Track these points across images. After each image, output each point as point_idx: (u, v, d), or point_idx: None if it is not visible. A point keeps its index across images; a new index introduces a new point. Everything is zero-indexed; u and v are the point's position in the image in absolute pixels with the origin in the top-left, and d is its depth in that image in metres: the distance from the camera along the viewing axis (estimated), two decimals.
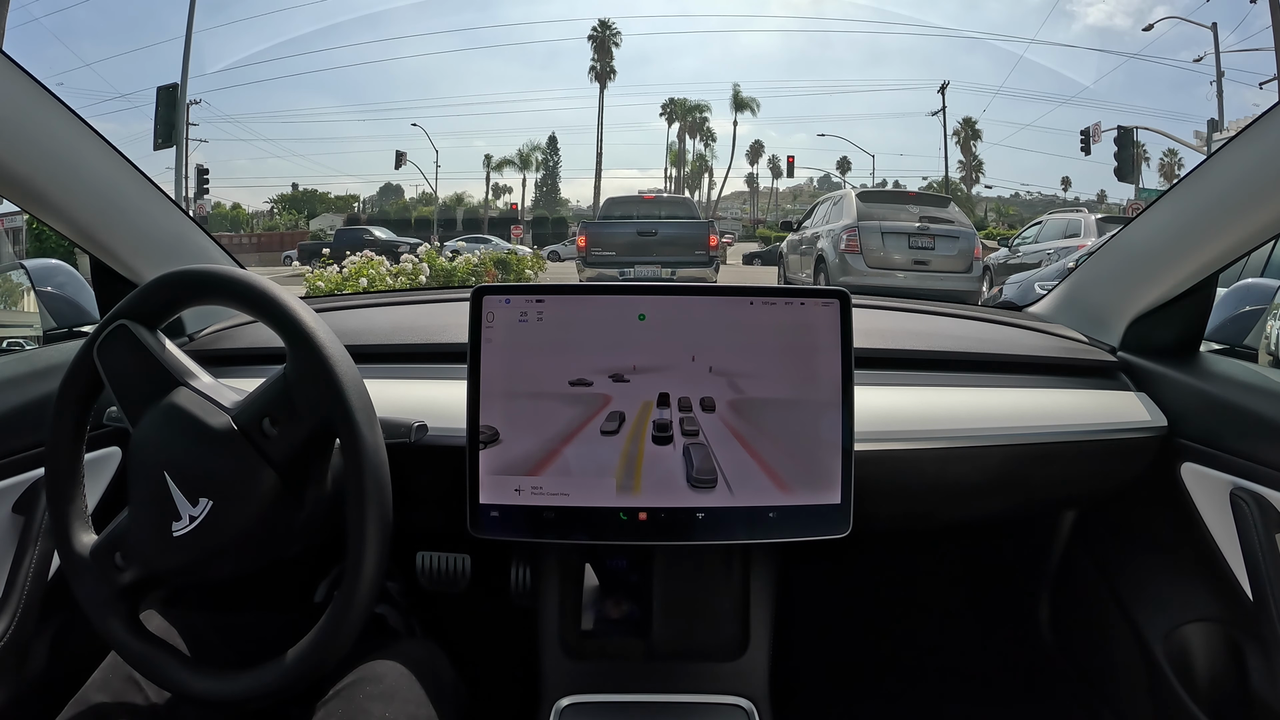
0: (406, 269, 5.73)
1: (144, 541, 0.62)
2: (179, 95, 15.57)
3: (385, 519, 0.61)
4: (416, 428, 0.72)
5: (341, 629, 0.60)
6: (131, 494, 0.63)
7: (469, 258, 7.39)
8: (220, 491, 0.60)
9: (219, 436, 0.62)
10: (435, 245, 7.98)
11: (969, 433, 0.86)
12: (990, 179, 39.54)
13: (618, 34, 34.08)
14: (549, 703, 0.85)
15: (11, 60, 0.71)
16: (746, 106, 35.51)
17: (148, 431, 0.63)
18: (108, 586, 0.63)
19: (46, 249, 6.90)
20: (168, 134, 14.94)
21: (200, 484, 0.61)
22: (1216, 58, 18.44)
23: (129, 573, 0.63)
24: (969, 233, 6.26)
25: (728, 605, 0.92)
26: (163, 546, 0.61)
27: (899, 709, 1.13)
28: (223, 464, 0.61)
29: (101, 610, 0.64)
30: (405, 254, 6.06)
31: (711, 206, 36.99)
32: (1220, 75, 18.39)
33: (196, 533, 0.60)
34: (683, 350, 0.75)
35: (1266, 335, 1.03)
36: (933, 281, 5.95)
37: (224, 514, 0.60)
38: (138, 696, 0.68)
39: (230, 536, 0.61)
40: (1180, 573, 0.94)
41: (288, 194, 34.65)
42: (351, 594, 0.59)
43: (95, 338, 0.65)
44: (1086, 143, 16.65)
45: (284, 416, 0.62)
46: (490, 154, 35.65)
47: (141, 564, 0.63)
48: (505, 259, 8.67)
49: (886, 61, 51.62)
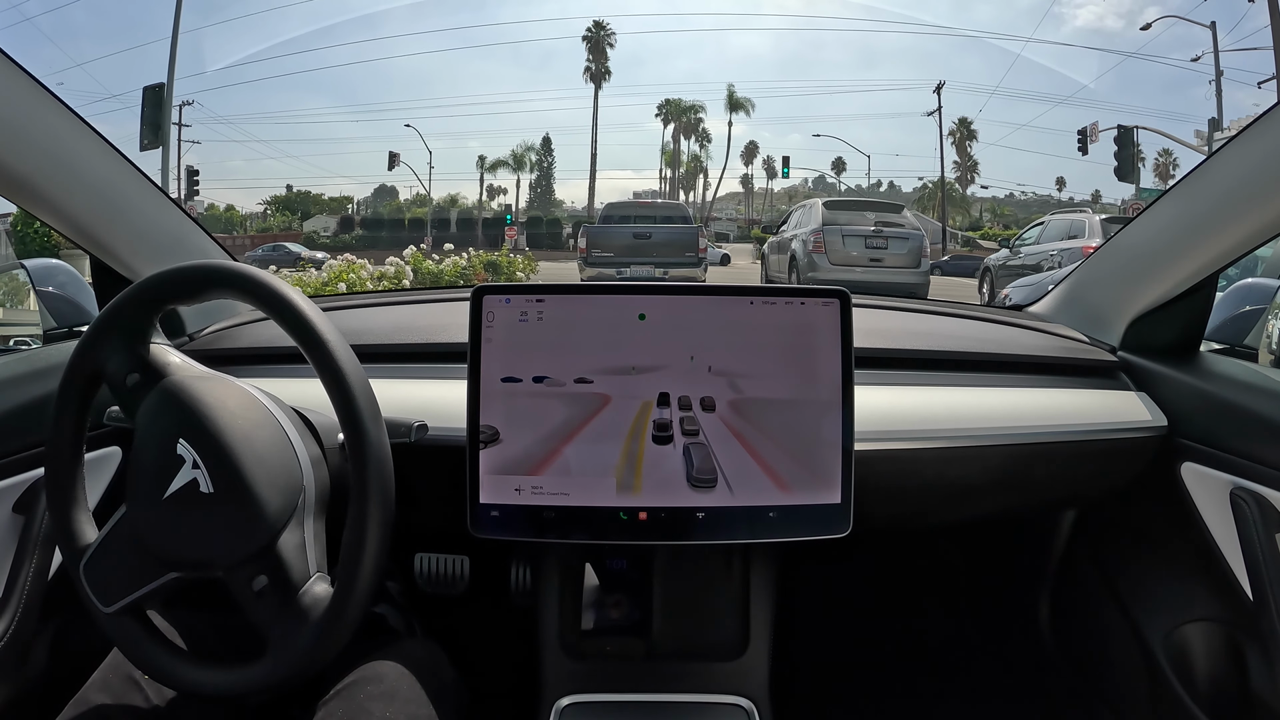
0: (389, 273, 5.63)
1: (142, 521, 0.62)
2: (165, 95, 15.25)
3: (387, 516, 0.61)
4: (417, 427, 0.72)
5: (338, 625, 0.60)
6: (131, 478, 0.63)
7: (457, 260, 7.20)
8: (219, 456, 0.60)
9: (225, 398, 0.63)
10: (425, 248, 7.81)
11: (969, 432, 0.86)
12: (986, 179, 39.55)
13: (612, 34, 33.96)
14: (549, 703, 0.85)
15: (11, 60, 0.71)
16: (741, 107, 35.43)
17: (151, 409, 0.63)
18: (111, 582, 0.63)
19: (30, 250, 6.89)
20: (154, 135, 14.55)
21: (217, 463, 0.60)
22: (1215, 57, 18.37)
23: (130, 565, 0.63)
24: (919, 234, 7.33)
25: (727, 605, 0.92)
26: (160, 523, 0.60)
27: (899, 709, 1.13)
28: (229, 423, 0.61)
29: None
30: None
31: (707, 207, 36.99)
32: (1219, 74, 18.31)
33: (199, 497, 0.60)
34: (682, 350, 0.75)
35: (1267, 335, 1.03)
36: (886, 275, 6.86)
37: (213, 510, 0.60)
38: (138, 697, 0.68)
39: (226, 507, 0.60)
40: (1180, 573, 0.94)
41: (281, 195, 34.51)
42: (349, 590, 0.59)
43: (92, 333, 0.65)
44: (1084, 142, 16.57)
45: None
46: (484, 155, 35.51)
47: (141, 553, 0.62)
48: (496, 261, 8.31)
49: (881, 62, 51.69)
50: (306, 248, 20.68)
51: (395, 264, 5.90)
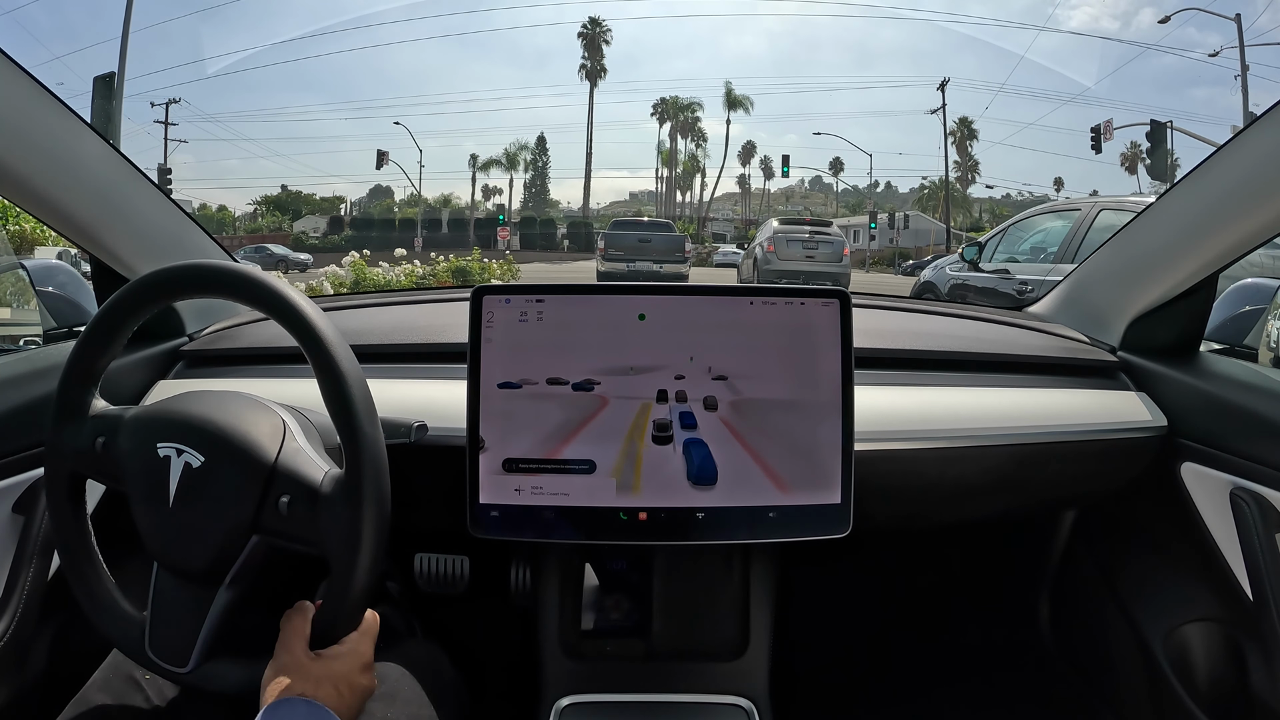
0: (313, 285, 4.91)
1: (172, 547, 0.61)
2: (116, 85, 14.30)
3: (383, 516, 0.61)
4: (416, 427, 0.72)
5: (335, 626, 0.60)
6: (140, 518, 0.62)
7: (412, 268, 6.56)
8: (215, 448, 0.61)
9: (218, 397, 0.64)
10: (417, 249, 7.39)
11: (969, 433, 0.86)
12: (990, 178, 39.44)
13: (608, 31, 33.84)
14: (549, 703, 0.85)
15: (11, 60, 0.71)
16: (740, 104, 35.23)
17: (126, 449, 0.63)
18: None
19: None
20: (104, 126, 13.45)
21: (197, 438, 0.61)
22: (1241, 51, 17.69)
23: (98, 462, 0.63)
24: (840, 240, 10.81)
25: (727, 605, 0.92)
26: (186, 527, 0.60)
27: (899, 709, 1.13)
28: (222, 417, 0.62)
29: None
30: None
31: (704, 208, 36.94)
32: (1245, 69, 17.67)
33: (198, 475, 0.60)
34: (682, 350, 0.75)
35: (1267, 335, 1.03)
36: (816, 267, 10.18)
37: (213, 472, 0.60)
38: (138, 697, 0.68)
39: (213, 502, 0.60)
40: (1180, 573, 0.94)
41: (273, 195, 34.26)
42: (346, 590, 0.59)
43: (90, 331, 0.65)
44: (1097, 140, 16.27)
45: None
46: (476, 154, 35.18)
47: (113, 466, 0.62)
48: (467, 267, 7.67)
49: (880, 59, 51.62)
50: (294, 249, 20.49)
51: (332, 274, 5.12)
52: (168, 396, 0.66)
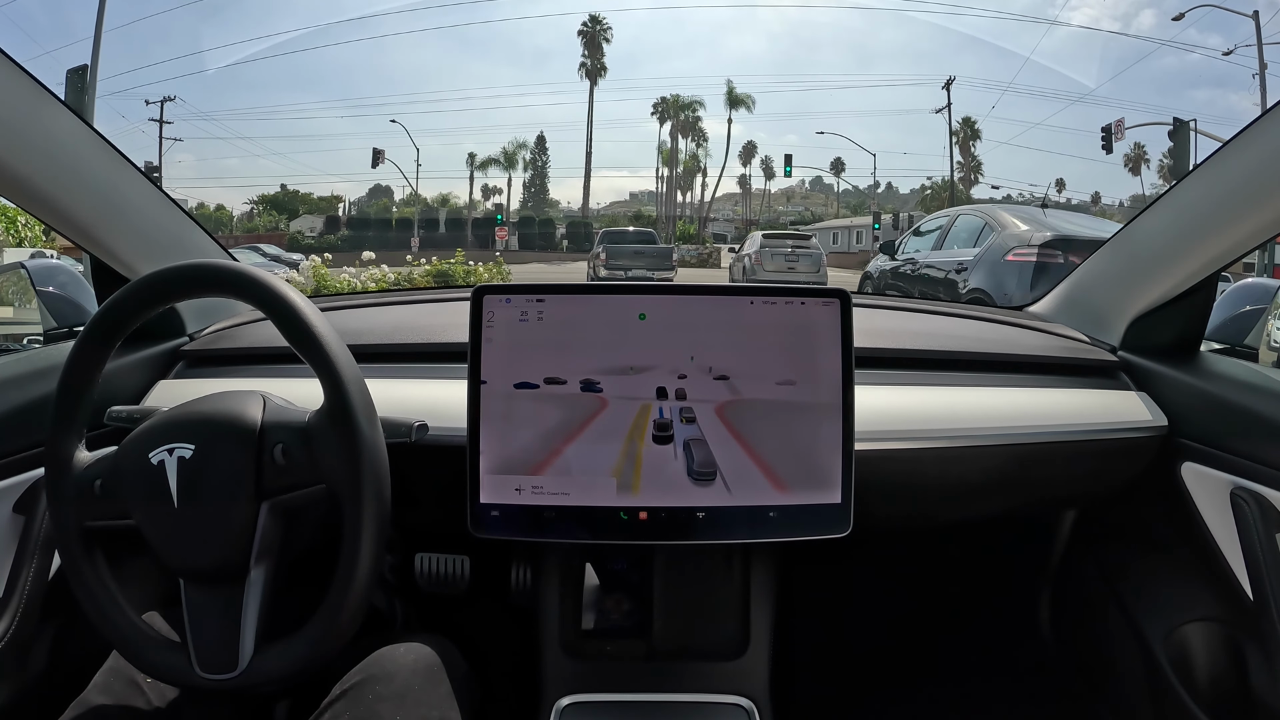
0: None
1: (188, 550, 0.62)
2: (89, 79, 13.74)
3: (383, 515, 0.61)
4: (417, 427, 0.72)
5: (335, 625, 0.60)
6: (151, 534, 0.63)
7: (381, 274, 6.21)
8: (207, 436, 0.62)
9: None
10: (414, 250, 7.25)
11: (970, 432, 0.86)
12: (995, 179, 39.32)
13: (608, 29, 33.62)
14: (549, 702, 0.85)
15: (11, 60, 0.71)
16: (742, 103, 34.89)
17: (124, 467, 0.63)
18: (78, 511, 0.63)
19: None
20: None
21: (181, 431, 0.62)
22: (1259, 49, 17.11)
23: (102, 505, 0.63)
24: (819, 252, 12.36)
25: (728, 605, 0.92)
26: (198, 522, 0.61)
27: (899, 709, 1.13)
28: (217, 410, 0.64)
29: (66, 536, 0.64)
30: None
31: (705, 208, 36.86)
32: (1263, 67, 17.11)
33: (193, 465, 0.61)
34: (683, 350, 0.75)
35: (1267, 335, 1.03)
36: (798, 276, 11.54)
37: (207, 455, 0.61)
38: (139, 699, 0.68)
39: (204, 492, 0.61)
40: (1180, 573, 0.94)
41: (270, 195, 34.03)
42: (346, 590, 0.59)
43: (89, 331, 0.65)
44: (1108, 140, 16.03)
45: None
46: (474, 153, 34.58)
47: (117, 499, 0.63)
48: (450, 270, 7.25)
49: (881, 59, 51.56)
50: (288, 249, 20.27)
51: (290, 281, 5.19)
52: (166, 400, 0.67)
